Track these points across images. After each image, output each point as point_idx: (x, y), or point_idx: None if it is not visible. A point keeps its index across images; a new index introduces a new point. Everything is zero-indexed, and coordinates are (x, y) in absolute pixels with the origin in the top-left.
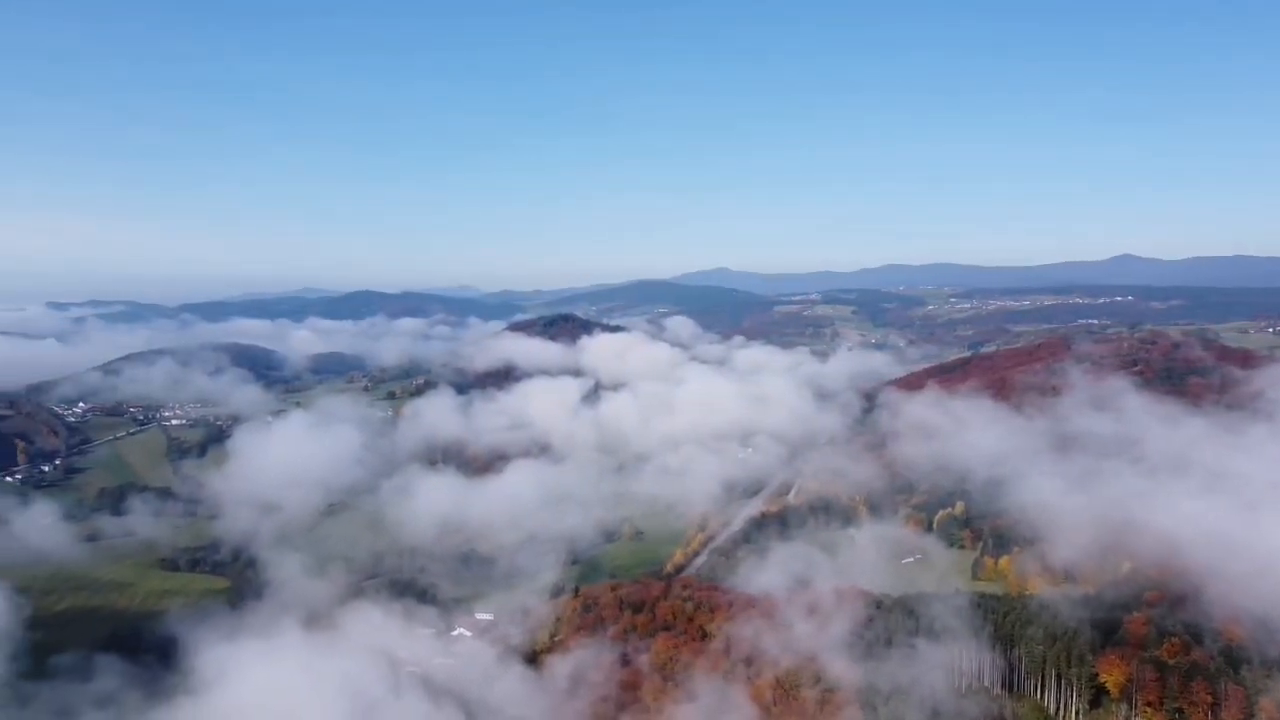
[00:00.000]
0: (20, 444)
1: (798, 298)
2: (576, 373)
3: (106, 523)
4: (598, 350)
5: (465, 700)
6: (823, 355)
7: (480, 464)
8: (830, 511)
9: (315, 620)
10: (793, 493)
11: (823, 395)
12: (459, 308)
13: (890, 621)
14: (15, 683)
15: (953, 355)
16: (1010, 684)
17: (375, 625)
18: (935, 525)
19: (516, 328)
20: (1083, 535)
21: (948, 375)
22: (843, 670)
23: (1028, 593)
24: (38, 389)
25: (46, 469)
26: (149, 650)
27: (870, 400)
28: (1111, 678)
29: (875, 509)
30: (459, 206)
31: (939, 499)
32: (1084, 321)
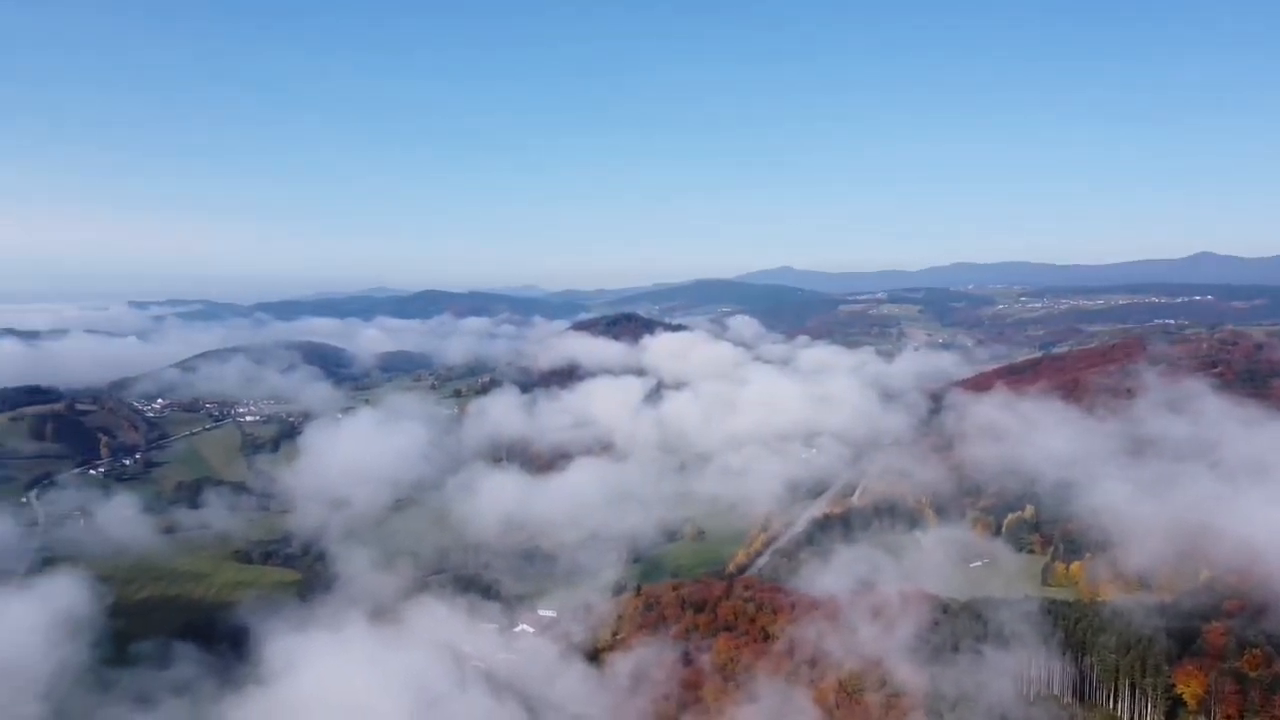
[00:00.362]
0: (103, 438)
1: (863, 297)
2: (639, 372)
3: (183, 515)
4: (660, 349)
5: (527, 696)
6: (888, 355)
7: (543, 462)
8: (895, 514)
9: (382, 614)
10: (857, 494)
11: (888, 396)
12: (524, 307)
13: (957, 626)
14: (98, 668)
15: (1023, 356)
16: (1081, 693)
17: (440, 620)
18: (1004, 529)
19: (580, 327)
20: (1158, 541)
21: (1017, 376)
22: (908, 675)
23: (1100, 600)
24: (119, 385)
25: (127, 463)
26: (223, 640)
27: (937, 401)
28: (1189, 689)
29: (942, 512)
30: (525, 207)
31: (1007, 502)
32: (1160, 321)
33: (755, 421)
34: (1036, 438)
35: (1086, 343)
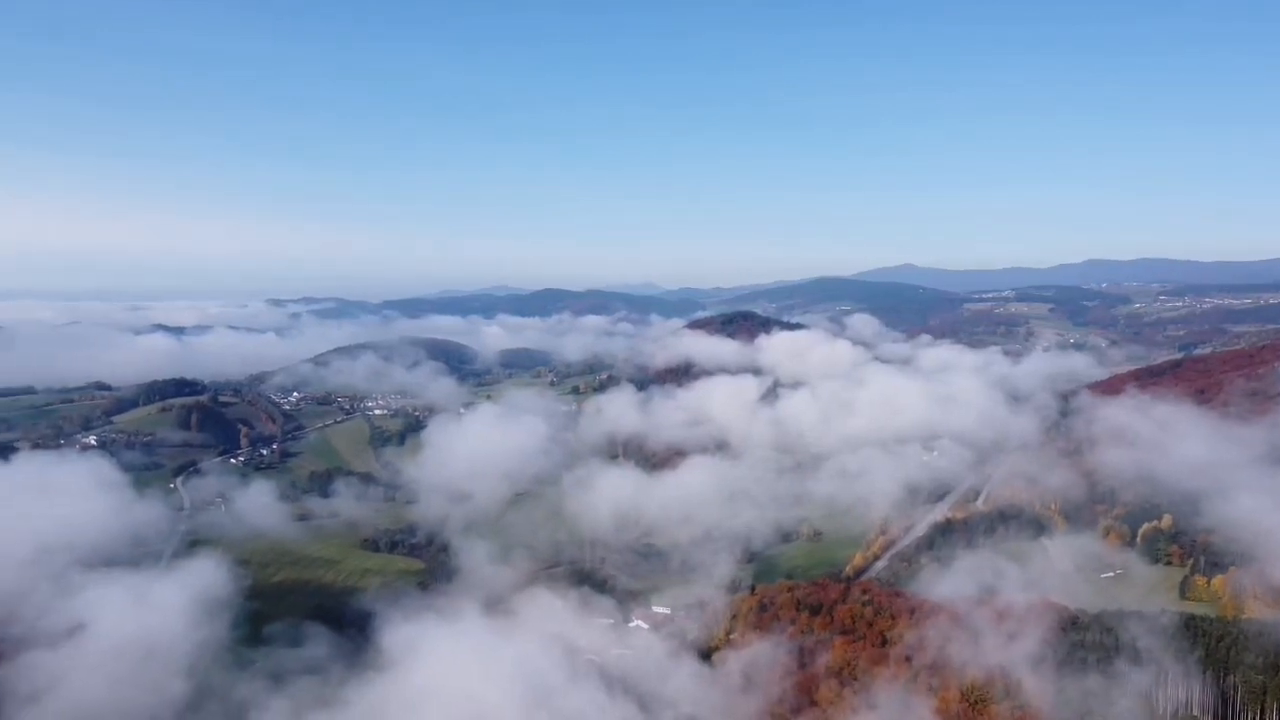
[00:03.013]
0: (243, 429)
1: (989, 295)
2: (755, 370)
3: (316, 504)
4: (777, 348)
5: (640, 692)
6: (1016, 355)
7: (658, 459)
8: (1021, 520)
9: (498, 605)
10: (981, 499)
11: (1015, 397)
12: (641, 305)
13: (1087, 639)
14: (236, 647)
15: (1161, 357)
16: (1222, 715)
17: (555, 613)
18: (1139, 539)
19: (696, 325)
20: None
21: (1155, 378)
22: (1034, 687)
23: (1244, 616)
24: (258, 379)
25: (265, 452)
26: (350, 623)
27: (1067, 403)
28: None
29: (1071, 519)
30: (642, 206)
31: (1143, 511)
32: None
33: (874, 422)
34: (1175, 443)
35: (1232, 344)
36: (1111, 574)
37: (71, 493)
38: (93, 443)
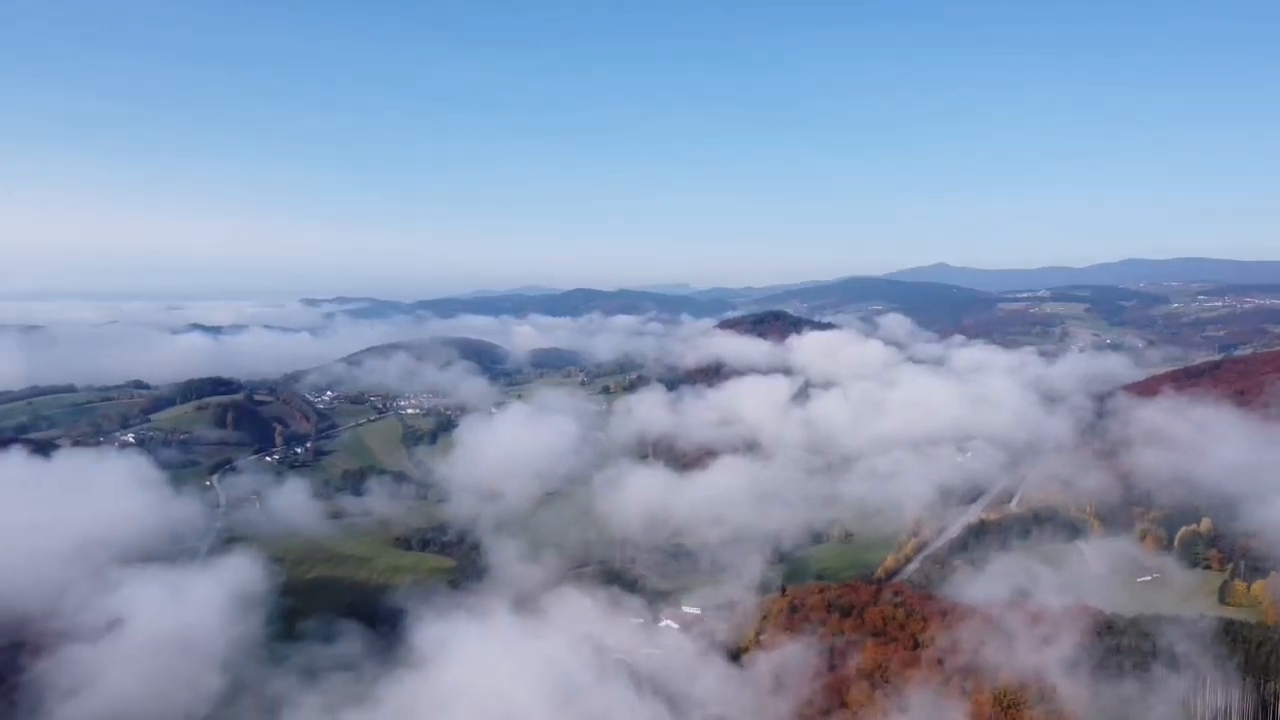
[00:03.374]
0: (278, 427)
1: (1024, 295)
2: (786, 371)
3: (349, 502)
4: (808, 348)
5: (669, 692)
6: (1051, 356)
7: (689, 459)
8: (1056, 523)
9: (528, 604)
10: (1014, 501)
11: (1050, 398)
12: (672, 305)
13: (1123, 643)
14: (270, 643)
15: (1200, 358)
16: None
17: (584, 612)
18: (1176, 543)
19: (726, 325)
20: None
21: (1193, 380)
22: (1069, 692)
23: None
24: (292, 377)
25: (299, 451)
26: (383, 620)
27: (1103, 405)
28: None
29: (1107, 522)
30: (674, 206)
31: (1180, 514)
32: None
33: (906, 423)
34: (1213, 446)
35: (1273, 345)
36: (1148, 578)
37: (110, 489)
38: (131, 440)
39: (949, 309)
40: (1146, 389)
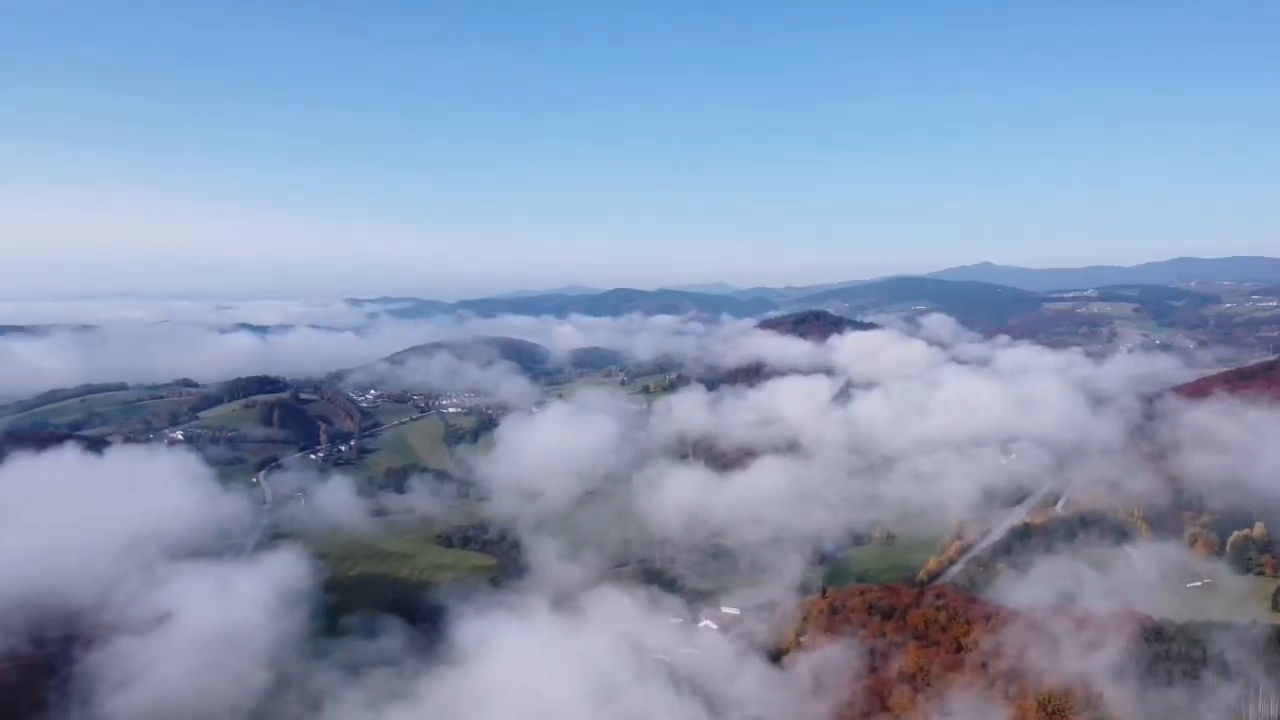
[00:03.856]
0: (322, 425)
1: (1070, 294)
2: (827, 371)
3: (391, 499)
4: (849, 348)
5: (708, 692)
6: (1098, 357)
7: (729, 459)
8: (1103, 526)
9: (568, 602)
10: (1060, 504)
11: (1097, 400)
12: (712, 304)
13: (1172, 650)
14: (314, 638)
15: (1253, 359)
16: None
17: (623, 612)
18: (1228, 548)
19: (767, 325)
20: None
21: (1246, 381)
22: (1116, 699)
23: None
24: (337, 376)
25: (343, 449)
26: (424, 617)
27: (1152, 406)
28: None
29: (1156, 526)
30: (714, 205)
31: (1232, 519)
32: None
33: (949, 424)
34: (1267, 449)
35: None
36: (1198, 583)
37: (160, 486)
38: (180, 437)
39: (994, 309)
40: (1197, 390)
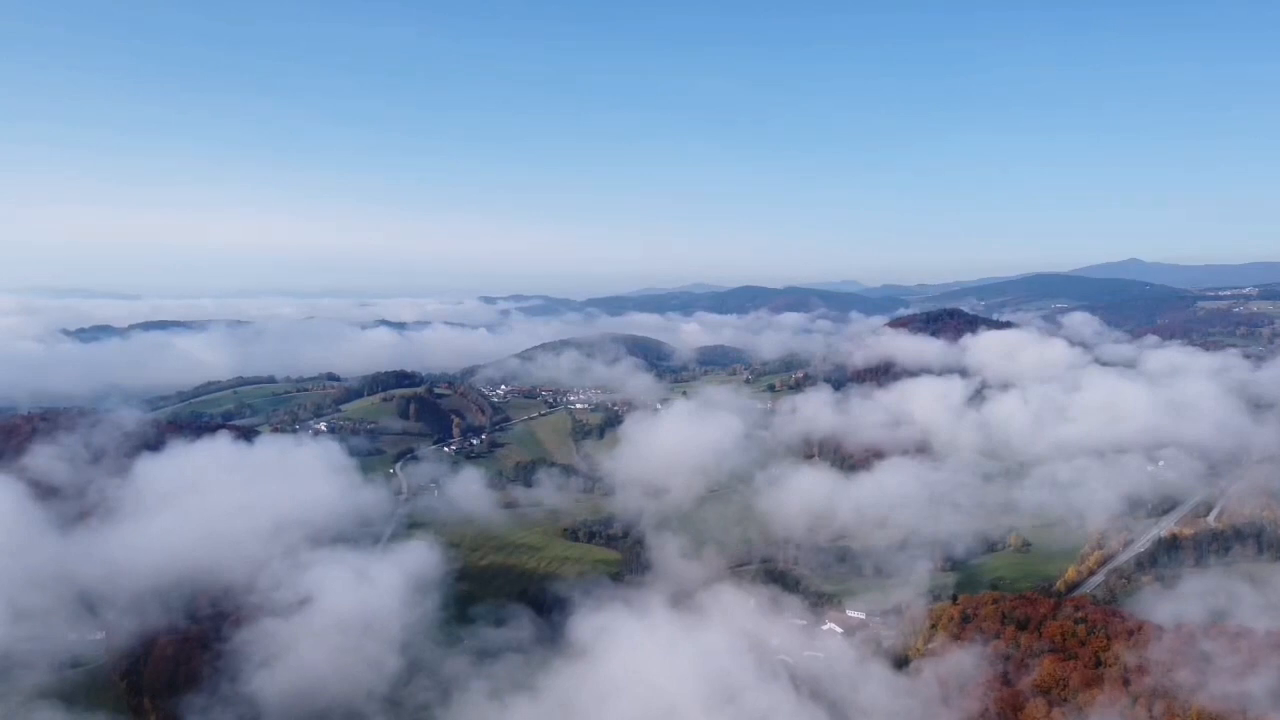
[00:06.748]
0: (455, 419)
1: (1227, 292)
2: (961, 371)
3: (520, 492)
4: (984, 348)
5: (831, 697)
6: (1258, 359)
7: (855, 460)
8: (1261, 540)
9: (689, 600)
10: (1213, 515)
11: (1256, 405)
12: (840, 302)
13: None
14: (445, 625)
15: None
16: None
17: (745, 611)
18: None
19: (897, 323)
20: None
21: None
22: None
23: None
24: (469, 372)
25: (474, 442)
26: (550, 608)
27: None
28: None
29: None
30: (846, 201)
31: None
32: None
33: (1091, 429)
34: None
35: None
36: None
37: (305, 474)
38: (323, 429)
39: (1141, 307)
40: None
